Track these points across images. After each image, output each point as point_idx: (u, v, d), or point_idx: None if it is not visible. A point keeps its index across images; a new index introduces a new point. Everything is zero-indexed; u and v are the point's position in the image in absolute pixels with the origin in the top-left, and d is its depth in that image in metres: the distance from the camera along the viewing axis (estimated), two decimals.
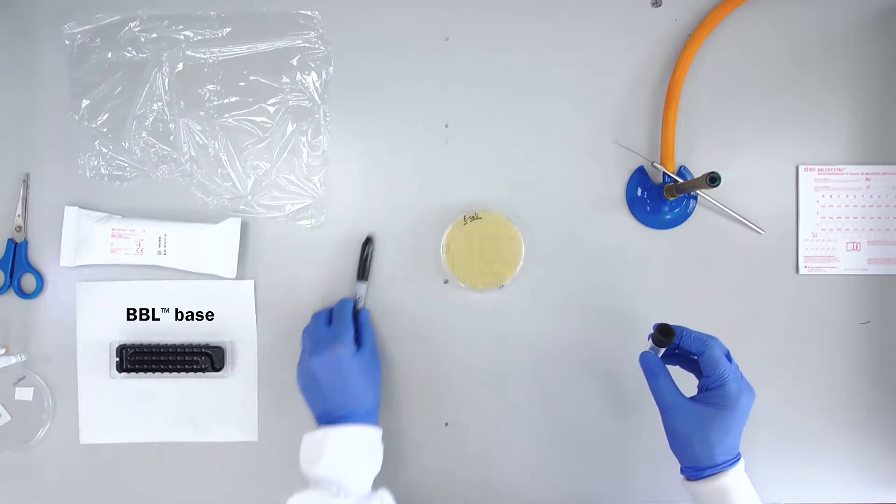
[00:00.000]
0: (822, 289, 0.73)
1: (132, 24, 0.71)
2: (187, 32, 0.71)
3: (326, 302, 0.71)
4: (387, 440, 0.71)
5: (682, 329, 0.59)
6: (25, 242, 0.71)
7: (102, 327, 0.71)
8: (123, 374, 0.70)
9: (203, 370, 0.70)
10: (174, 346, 0.70)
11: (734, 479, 0.57)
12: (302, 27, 0.71)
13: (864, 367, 0.72)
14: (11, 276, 0.70)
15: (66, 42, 0.71)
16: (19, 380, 0.71)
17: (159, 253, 0.69)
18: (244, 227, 0.71)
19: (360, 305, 0.69)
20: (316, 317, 0.67)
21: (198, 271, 0.70)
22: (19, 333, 0.71)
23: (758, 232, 0.72)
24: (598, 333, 0.72)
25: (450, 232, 0.69)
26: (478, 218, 0.69)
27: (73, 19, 0.71)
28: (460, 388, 0.72)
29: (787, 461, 0.72)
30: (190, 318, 0.71)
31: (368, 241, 0.70)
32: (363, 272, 0.70)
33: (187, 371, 0.70)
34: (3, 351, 0.70)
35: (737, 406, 0.56)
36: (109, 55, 0.71)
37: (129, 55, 0.71)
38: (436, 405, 0.72)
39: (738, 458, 0.58)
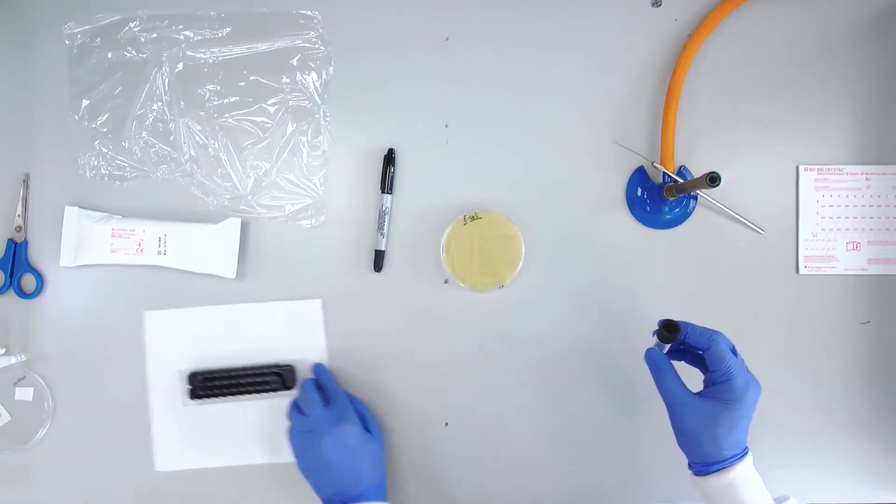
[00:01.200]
0: (822, 289, 0.73)
1: (132, 24, 0.71)
2: (187, 32, 0.71)
3: (326, 301, 0.71)
4: (387, 440, 0.71)
5: (686, 324, 0.59)
6: (25, 242, 0.71)
7: (171, 355, 0.70)
8: (196, 400, 0.69)
9: (275, 390, 0.69)
10: (245, 369, 0.69)
11: (743, 473, 0.57)
12: (302, 27, 0.71)
13: (864, 367, 0.72)
14: (11, 276, 0.70)
15: (66, 42, 0.71)
16: (19, 380, 0.71)
17: (159, 253, 0.70)
18: (244, 227, 0.71)
19: (386, 216, 0.69)
20: (307, 391, 0.66)
21: (198, 271, 0.70)
22: (19, 333, 0.71)
23: (758, 232, 0.72)
24: (598, 333, 0.72)
25: (450, 232, 0.69)
26: (478, 218, 0.69)
27: (73, 19, 0.71)
28: (461, 388, 0.72)
29: (787, 461, 0.72)
30: (255, 339, 0.70)
31: (391, 156, 0.70)
32: (385, 185, 0.70)
33: (259, 392, 0.69)
34: (3, 351, 0.70)
35: (744, 400, 0.57)
36: (109, 55, 0.71)
37: (129, 55, 0.71)
38: (436, 405, 0.72)
39: (746, 452, 0.58)
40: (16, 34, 0.72)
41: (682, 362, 0.62)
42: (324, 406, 0.64)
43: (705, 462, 0.58)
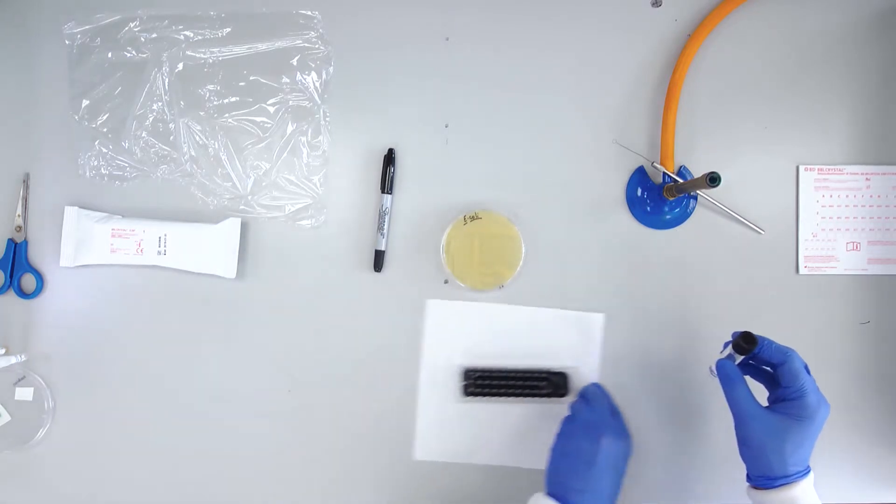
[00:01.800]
0: (822, 289, 0.73)
1: (132, 24, 0.71)
2: (187, 32, 0.71)
3: (326, 301, 0.71)
4: (386, 440, 0.71)
5: (763, 339, 0.59)
6: (25, 242, 0.71)
7: (447, 348, 0.71)
8: (470, 397, 0.70)
9: (547, 395, 0.69)
10: (519, 371, 0.69)
11: (804, 491, 0.56)
12: (302, 27, 0.71)
13: (864, 367, 0.72)
14: (11, 276, 0.70)
15: (66, 42, 0.71)
16: (19, 380, 0.71)
17: (159, 253, 0.70)
18: (244, 227, 0.71)
19: (386, 215, 0.69)
20: (600, 392, 0.66)
21: (198, 271, 0.70)
22: (19, 333, 0.71)
23: (758, 232, 0.72)
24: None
25: (450, 232, 0.69)
26: (478, 218, 0.69)
27: (73, 19, 0.71)
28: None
29: None
30: (526, 342, 0.70)
31: (391, 156, 0.70)
32: (385, 185, 0.70)
33: (531, 396, 0.69)
34: (3, 351, 0.70)
35: (815, 418, 0.57)
36: (109, 55, 0.71)
37: (129, 55, 0.71)
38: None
39: (809, 471, 0.58)
40: (16, 34, 0.72)
41: (747, 377, 0.61)
42: (612, 417, 0.64)
43: (768, 476, 0.57)
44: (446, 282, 0.71)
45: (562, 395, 0.70)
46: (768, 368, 0.62)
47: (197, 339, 0.71)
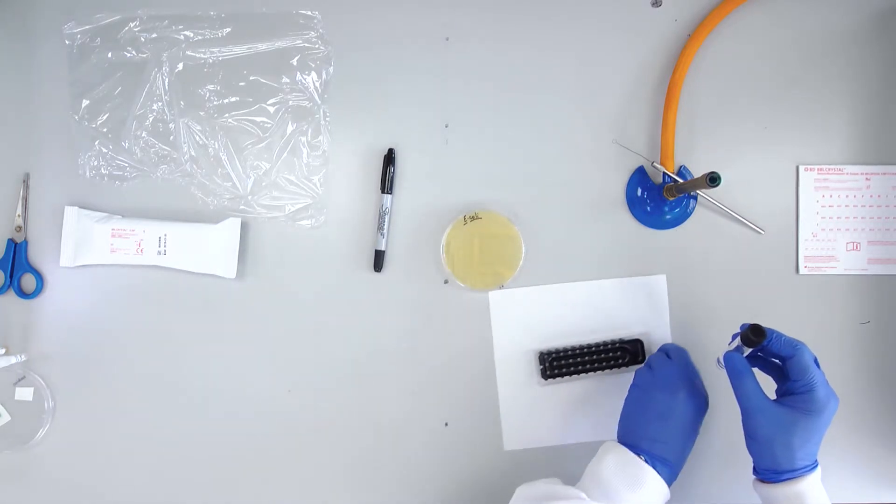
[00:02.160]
0: (822, 289, 0.73)
1: (132, 24, 0.71)
2: (187, 32, 0.71)
3: (326, 301, 0.71)
4: (387, 440, 0.71)
5: (772, 331, 0.59)
6: (25, 242, 0.71)
7: (517, 336, 0.71)
8: (550, 380, 0.70)
9: (626, 365, 0.70)
10: (593, 346, 0.70)
11: (811, 486, 0.56)
12: (302, 27, 0.71)
13: (864, 367, 0.72)
14: (11, 276, 0.70)
15: (66, 42, 0.71)
16: (19, 380, 0.71)
17: (159, 253, 0.70)
18: (244, 227, 0.71)
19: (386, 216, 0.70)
20: (681, 351, 0.66)
21: (198, 271, 0.70)
22: (19, 333, 0.71)
23: (758, 232, 0.72)
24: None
25: (450, 232, 0.69)
26: (478, 218, 0.69)
27: (73, 19, 0.71)
28: (460, 388, 0.72)
29: None
30: (591, 316, 0.71)
31: (391, 156, 0.70)
32: (385, 185, 0.70)
33: (610, 368, 0.69)
34: (3, 351, 0.70)
35: (823, 412, 0.56)
36: (109, 55, 0.71)
37: (129, 55, 0.71)
38: (436, 405, 0.72)
39: (817, 465, 0.58)
40: (16, 34, 0.72)
41: (755, 369, 0.61)
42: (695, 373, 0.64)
43: (775, 470, 0.57)
44: (446, 282, 0.71)
45: (640, 363, 0.70)
46: (777, 361, 0.61)
47: (197, 339, 0.71)
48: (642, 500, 0.58)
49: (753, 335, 0.56)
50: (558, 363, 0.69)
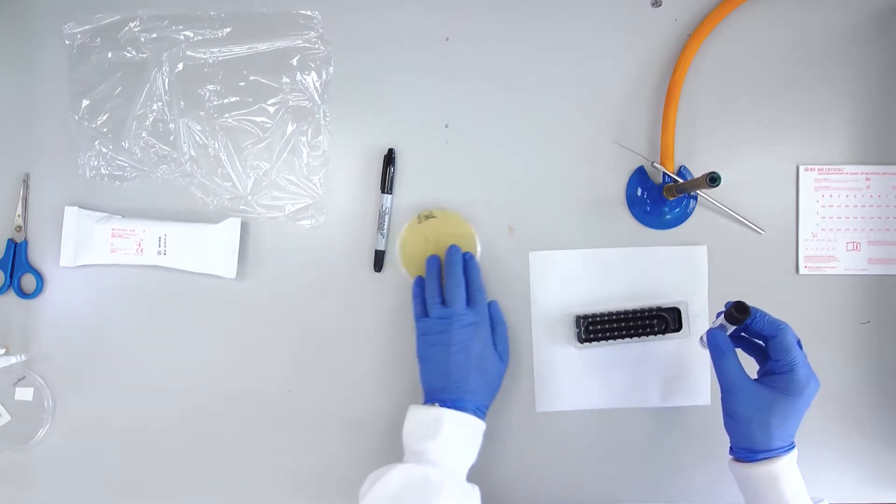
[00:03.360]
0: (822, 289, 0.73)
1: (132, 24, 0.71)
2: (187, 32, 0.71)
3: (325, 301, 0.71)
4: (387, 440, 0.71)
5: (756, 310, 0.58)
6: (25, 242, 0.71)
7: (555, 298, 0.71)
8: (586, 343, 0.70)
9: (662, 332, 0.69)
10: (630, 312, 0.70)
11: (787, 466, 0.56)
12: (302, 27, 0.71)
13: (864, 367, 0.72)
14: (11, 276, 0.70)
15: (66, 42, 0.71)
16: (19, 380, 0.71)
17: (159, 253, 0.70)
18: (244, 227, 0.71)
19: (386, 215, 0.70)
20: (455, 281, 0.66)
21: (198, 271, 0.70)
22: (19, 333, 0.71)
23: (758, 232, 0.72)
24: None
25: (404, 231, 0.69)
26: (433, 217, 0.69)
27: (73, 19, 0.71)
28: None
29: None
30: (630, 282, 0.71)
31: (391, 156, 0.70)
32: (385, 185, 0.70)
33: (643, 336, 0.69)
34: (3, 351, 0.70)
35: (803, 393, 0.56)
36: (109, 55, 0.71)
37: (129, 55, 0.71)
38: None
39: (794, 447, 0.58)
40: (16, 34, 0.72)
41: (738, 349, 0.61)
42: (465, 304, 0.65)
43: (751, 449, 0.57)
44: None
45: (677, 331, 0.70)
46: (760, 342, 0.61)
47: (197, 339, 0.71)
48: (448, 441, 0.59)
49: (738, 312, 0.56)
50: (594, 328, 0.70)
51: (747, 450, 0.58)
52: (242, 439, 0.71)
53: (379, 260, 0.71)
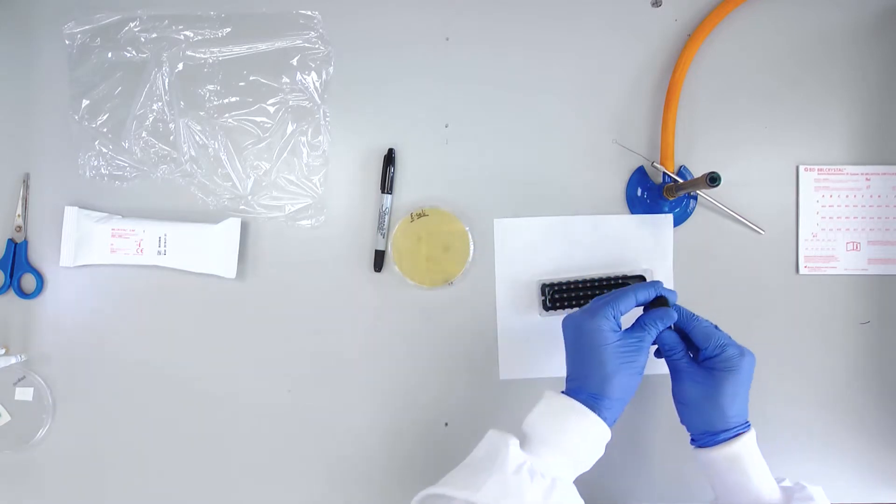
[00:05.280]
0: (822, 289, 0.73)
1: (132, 24, 0.71)
2: (187, 32, 0.71)
3: (325, 301, 0.71)
4: (387, 440, 0.71)
5: (678, 307, 0.61)
6: (25, 242, 0.71)
7: (520, 266, 0.71)
8: (550, 311, 0.70)
9: None
10: (595, 280, 0.69)
11: (746, 445, 0.58)
12: (302, 27, 0.71)
13: (864, 367, 0.72)
14: (11, 276, 0.70)
15: (66, 42, 0.71)
16: (19, 380, 0.71)
17: (159, 253, 0.70)
18: (244, 227, 0.71)
19: (386, 214, 0.70)
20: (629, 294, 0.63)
21: (198, 271, 0.70)
22: (19, 333, 0.71)
23: (758, 232, 0.72)
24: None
25: (397, 230, 0.70)
26: (424, 215, 0.69)
27: (73, 19, 0.71)
28: (460, 388, 0.72)
29: (786, 460, 0.72)
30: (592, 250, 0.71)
31: (391, 156, 0.70)
32: (385, 185, 0.70)
33: None
34: (3, 351, 0.70)
35: (741, 367, 0.58)
36: (109, 55, 0.71)
37: (129, 55, 0.71)
38: (436, 405, 0.72)
39: (750, 426, 0.59)
40: (16, 34, 0.72)
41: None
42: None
43: (711, 432, 0.59)
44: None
45: None
46: (692, 341, 0.62)
47: (197, 339, 0.71)
48: (575, 440, 0.56)
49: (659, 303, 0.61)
50: (560, 296, 0.69)
51: (707, 433, 0.59)
52: (242, 439, 0.71)
53: (379, 260, 0.71)
